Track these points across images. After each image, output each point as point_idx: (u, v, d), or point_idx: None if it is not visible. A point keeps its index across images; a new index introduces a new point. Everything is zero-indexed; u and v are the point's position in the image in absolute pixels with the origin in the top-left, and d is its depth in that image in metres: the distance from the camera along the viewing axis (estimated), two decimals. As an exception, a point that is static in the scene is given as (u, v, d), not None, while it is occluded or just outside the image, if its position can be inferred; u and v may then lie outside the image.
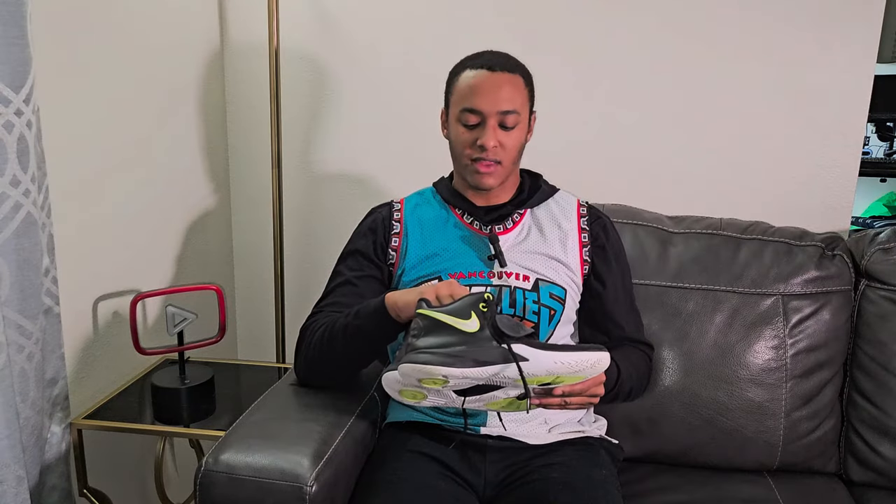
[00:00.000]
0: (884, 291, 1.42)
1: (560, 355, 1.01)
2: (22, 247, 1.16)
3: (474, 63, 1.25)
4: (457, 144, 1.27)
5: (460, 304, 1.03)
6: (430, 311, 1.04)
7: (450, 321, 1.01)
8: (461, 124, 1.24)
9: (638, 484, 1.36)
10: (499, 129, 1.22)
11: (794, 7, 1.61)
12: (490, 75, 1.22)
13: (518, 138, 1.25)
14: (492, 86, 1.22)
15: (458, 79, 1.26)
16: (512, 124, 1.23)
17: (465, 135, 1.24)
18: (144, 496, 1.70)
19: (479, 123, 1.23)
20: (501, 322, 1.02)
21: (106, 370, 1.53)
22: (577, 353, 1.02)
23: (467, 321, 1.01)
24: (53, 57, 1.30)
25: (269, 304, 1.96)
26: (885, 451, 1.38)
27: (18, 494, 1.16)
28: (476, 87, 1.22)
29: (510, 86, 1.23)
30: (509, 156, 1.25)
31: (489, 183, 1.26)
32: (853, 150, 1.66)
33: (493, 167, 1.24)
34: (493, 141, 1.21)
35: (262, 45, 1.80)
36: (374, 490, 1.14)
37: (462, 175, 1.30)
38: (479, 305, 1.03)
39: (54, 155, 1.29)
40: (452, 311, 1.03)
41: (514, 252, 1.29)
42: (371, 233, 1.35)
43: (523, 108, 1.25)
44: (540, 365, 1.00)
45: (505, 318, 1.04)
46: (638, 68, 1.70)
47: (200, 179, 1.83)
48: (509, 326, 1.02)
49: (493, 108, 1.21)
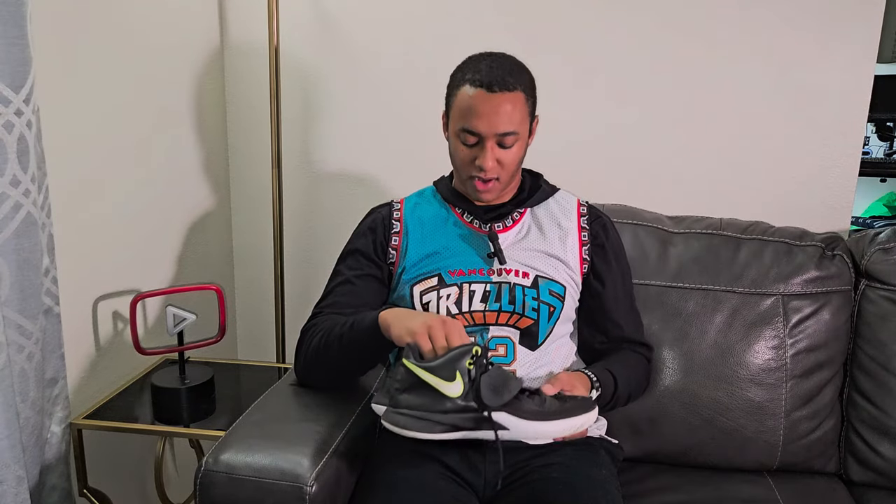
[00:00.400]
0: (884, 291, 1.42)
1: (542, 426, 1.03)
2: (22, 247, 1.16)
3: (474, 79, 1.21)
4: (456, 156, 1.27)
5: (446, 361, 1.00)
6: (414, 366, 1.01)
7: (433, 382, 1.00)
8: (460, 141, 1.25)
9: (638, 484, 1.36)
10: (497, 148, 1.22)
11: (794, 7, 1.61)
12: (488, 97, 1.19)
13: (517, 154, 1.25)
14: (490, 108, 1.19)
15: (458, 93, 1.23)
16: (510, 144, 1.23)
17: (463, 152, 1.25)
18: (144, 496, 1.70)
19: (477, 143, 1.23)
20: (486, 384, 1.00)
21: (106, 370, 1.53)
22: (561, 421, 1.04)
23: (451, 384, 0.99)
24: (53, 57, 1.30)
25: (269, 304, 1.96)
26: (885, 451, 1.38)
27: (18, 494, 1.16)
28: (474, 109, 1.20)
29: (509, 105, 1.20)
30: (507, 171, 1.25)
31: (487, 199, 1.29)
32: (853, 150, 1.66)
33: (492, 184, 1.25)
34: (490, 162, 1.22)
35: (261, 45, 1.80)
36: (374, 490, 1.14)
37: (462, 185, 1.31)
38: (466, 362, 1.00)
39: (54, 155, 1.29)
40: (437, 368, 1.00)
41: (514, 249, 1.29)
42: (371, 232, 1.35)
43: (522, 125, 1.23)
44: (521, 434, 1.03)
45: (491, 375, 1.01)
46: (638, 68, 1.70)
47: (200, 179, 1.83)
48: (493, 389, 1.00)
49: (490, 130, 1.20)
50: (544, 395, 1.08)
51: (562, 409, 1.05)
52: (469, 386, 1.00)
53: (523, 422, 1.01)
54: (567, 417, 1.04)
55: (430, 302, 1.26)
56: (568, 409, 1.05)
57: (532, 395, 1.08)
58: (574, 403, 1.07)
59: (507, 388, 1.02)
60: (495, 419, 1.01)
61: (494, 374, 1.02)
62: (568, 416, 1.04)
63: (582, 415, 1.05)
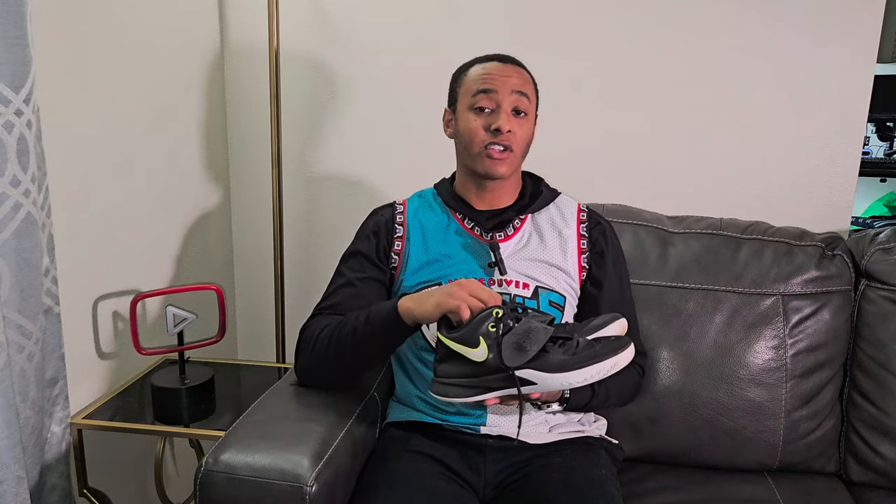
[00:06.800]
0: (884, 291, 1.42)
1: (569, 376, 1.03)
2: (22, 247, 1.16)
3: (482, 59, 1.29)
4: (468, 132, 1.26)
5: (470, 329, 1.05)
6: (443, 337, 1.08)
7: (460, 350, 1.06)
8: (473, 112, 1.25)
9: (638, 484, 1.36)
10: (512, 117, 1.24)
11: (794, 7, 1.61)
12: (502, 65, 1.27)
13: (528, 129, 1.28)
14: (504, 72, 1.26)
15: (468, 73, 1.29)
16: (524, 109, 1.25)
17: (477, 121, 1.25)
18: (144, 496, 1.70)
19: (493, 110, 1.24)
20: (507, 344, 1.03)
21: (106, 370, 1.53)
22: (588, 367, 1.03)
23: (475, 350, 1.05)
24: (53, 57, 1.30)
25: (269, 304, 1.96)
26: (885, 451, 1.38)
27: (18, 494, 1.16)
28: (489, 73, 1.26)
29: (521, 76, 1.27)
30: (520, 145, 1.26)
31: (501, 171, 1.25)
32: (853, 150, 1.66)
33: (506, 154, 1.24)
34: (507, 125, 1.22)
35: (262, 45, 1.80)
36: (374, 490, 1.14)
37: (472, 167, 1.28)
38: (489, 325, 1.05)
39: (54, 155, 1.29)
40: (462, 337, 1.06)
41: (514, 259, 1.28)
42: (374, 236, 1.34)
43: (532, 100, 1.28)
44: (548, 387, 1.05)
45: (516, 333, 1.04)
46: (639, 69, 1.70)
47: (200, 179, 1.83)
48: (517, 346, 1.03)
49: (506, 88, 1.24)
50: (577, 339, 1.08)
51: (590, 355, 1.05)
52: (494, 348, 1.04)
53: (549, 375, 1.03)
54: (596, 363, 1.03)
55: None
56: (597, 353, 1.05)
57: (565, 341, 1.08)
58: (604, 345, 1.06)
59: (532, 342, 1.04)
60: (522, 376, 1.04)
61: (520, 329, 1.05)
62: (597, 361, 1.04)
63: (612, 357, 1.04)
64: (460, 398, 1.08)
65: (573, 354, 1.05)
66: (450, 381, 1.09)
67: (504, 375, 1.04)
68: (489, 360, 1.04)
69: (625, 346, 1.06)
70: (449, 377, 1.09)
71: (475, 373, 1.06)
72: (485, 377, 1.06)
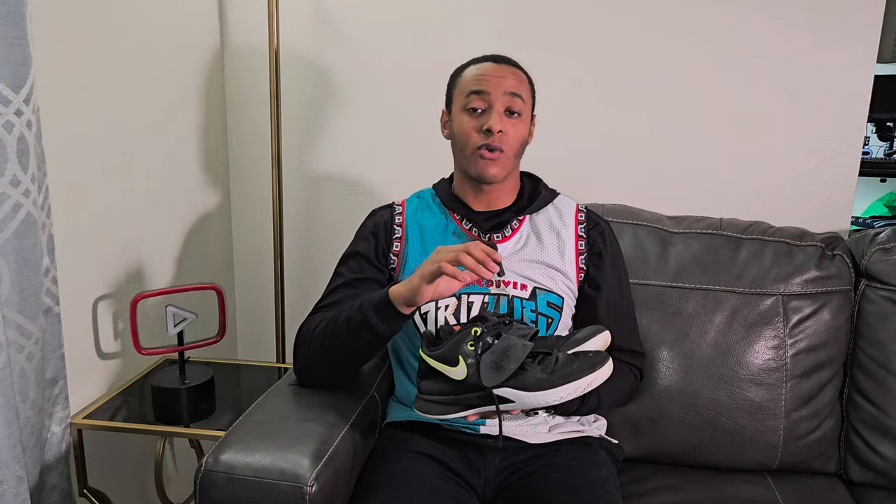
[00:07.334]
0: (884, 291, 1.42)
1: (546, 394, 1.04)
2: (22, 247, 1.16)
3: (478, 60, 1.29)
4: (461, 134, 1.26)
5: (449, 347, 1.08)
6: (424, 355, 1.11)
7: (440, 368, 1.09)
8: (466, 112, 1.25)
9: (638, 484, 1.36)
10: (504, 117, 1.23)
11: (794, 7, 1.61)
12: (496, 66, 1.27)
13: (521, 130, 1.26)
14: (498, 73, 1.26)
15: (463, 74, 1.29)
16: (518, 109, 1.25)
17: (470, 122, 1.25)
18: (144, 496, 1.70)
19: (485, 110, 1.24)
20: (486, 363, 1.05)
21: (106, 370, 1.53)
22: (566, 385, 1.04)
23: (455, 368, 1.07)
24: (53, 57, 1.30)
25: (269, 304, 1.96)
26: (885, 451, 1.38)
27: (18, 494, 1.16)
28: (483, 74, 1.26)
29: (515, 77, 1.27)
30: (512, 146, 1.25)
31: (493, 173, 1.25)
32: (853, 150, 1.66)
33: (498, 155, 1.24)
34: (499, 125, 1.22)
35: (262, 46, 1.80)
36: (374, 490, 1.14)
37: (466, 169, 1.29)
38: (468, 344, 1.07)
39: (54, 155, 1.29)
40: (442, 355, 1.08)
41: (512, 260, 1.28)
42: (373, 237, 1.34)
43: (527, 100, 1.28)
44: (525, 405, 1.07)
45: (494, 352, 1.06)
46: (639, 69, 1.70)
47: (200, 179, 1.83)
48: (495, 366, 1.05)
49: (499, 88, 1.23)
50: (556, 355, 1.08)
51: (567, 374, 1.05)
52: (473, 366, 1.06)
53: (526, 394, 1.05)
54: (572, 381, 1.04)
55: (428, 312, 1.25)
56: (573, 371, 1.05)
57: (544, 357, 1.08)
58: (582, 362, 1.07)
59: (510, 360, 1.05)
60: (500, 394, 1.05)
61: (499, 347, 1.06)
62: (573, 379, 1.04)
63: (588, 374, 1.04)
64: (441, 415, 1.10)
65: (550, 373, 1.05)
66: (431, 398, 1.11)
67: (482, 393, 1.06)
68: (468, 378, 1.06)
69: (602, 363, 1.06)
70: (430, 394, 1.12)
71: (455, 390, 1.08)
72: (464, 395, 1.08)
